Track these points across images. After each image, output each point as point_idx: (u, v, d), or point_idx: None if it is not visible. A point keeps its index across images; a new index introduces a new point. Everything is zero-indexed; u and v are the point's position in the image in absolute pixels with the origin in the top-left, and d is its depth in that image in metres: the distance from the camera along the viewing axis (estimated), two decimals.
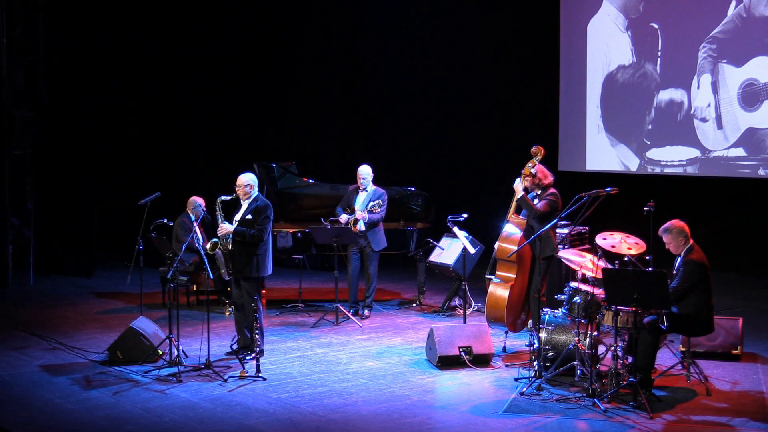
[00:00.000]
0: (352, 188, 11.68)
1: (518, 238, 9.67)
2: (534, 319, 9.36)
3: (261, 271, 9.39)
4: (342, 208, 11.57)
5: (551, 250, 9.45)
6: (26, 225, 14.38)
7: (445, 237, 12.04)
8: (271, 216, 9.46)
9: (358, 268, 11.56)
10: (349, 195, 11.64)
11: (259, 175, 12.42)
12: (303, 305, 12.09)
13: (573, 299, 8.58)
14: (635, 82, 14.21)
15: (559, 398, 8.12)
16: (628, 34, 14.22)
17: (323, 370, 9.15)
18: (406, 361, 9.46)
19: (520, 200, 9.63)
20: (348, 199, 11.59)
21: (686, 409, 7.91)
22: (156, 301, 12.23)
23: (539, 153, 9.88)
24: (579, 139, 14.79)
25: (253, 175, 9.61)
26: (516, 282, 9.71)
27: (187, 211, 11.96)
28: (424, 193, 12.82)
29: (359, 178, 11.50)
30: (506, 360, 9.42)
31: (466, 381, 8.78)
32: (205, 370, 8.97)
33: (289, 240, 12.03)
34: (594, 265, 8.49)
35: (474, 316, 11.18)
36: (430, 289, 12.79)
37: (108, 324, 11.17)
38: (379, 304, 12.12)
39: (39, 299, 13.00)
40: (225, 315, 11.55)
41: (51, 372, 9.17)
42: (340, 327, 11.02)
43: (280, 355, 9.73)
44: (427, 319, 11.49)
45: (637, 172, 14.17)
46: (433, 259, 12.09)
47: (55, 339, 10.43)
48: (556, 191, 9.65)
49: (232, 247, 9.38)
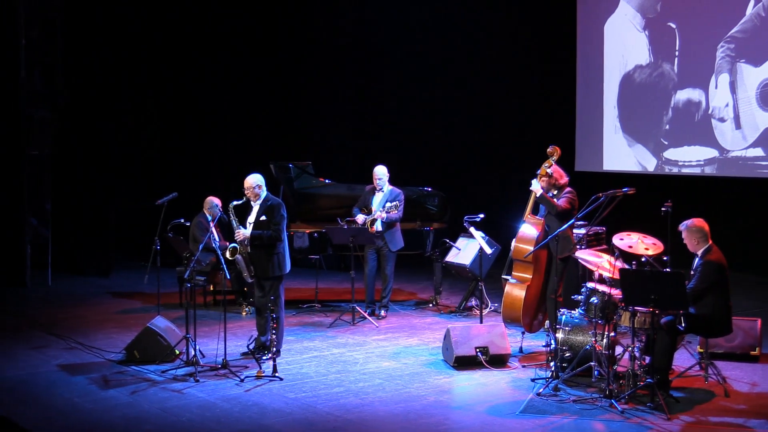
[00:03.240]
0: (368, 189, 11.68)
1: (535, 238, 9.65)
2: (551, 319, 9.35)
3: (283, 269, 9.44)
4: (359, 208, 11.58)
5: (568, 251, 9.42)
6: (44, 225, 14.44)
7: (461, 237, 12.03)
8: (285, 214, 9.49)
9: (374, 269, 11.56)
10: (365, 195, 11.65)
11: (276, 175, 12.49)
12: (319, 305, 12.10)
13: (590, 300, 8.56)
14: (652, 82, 14.16)
15: (576, 399, 8.10)
16: (645, 33, 14.17)
17: (340, 371, 9.15)
18: (423, 362, 9.45)
19: (540, 199, 9.60)
20: (365, 200, 11.60)
21: (704, 411, 7.87)
22: (173, 300, 12.26)
23: (555, 153, 9.86)
24: (596, 139, 14.75)
25: (260, 175, 9.62)
26: (532, 282, 9.69)
27: (204, 211, 11.98)
28: (441, 194, 12.81)
29: (375, 179, 11.50)
30: (523, 360, 9.40)
31: (482, 381, 8.77)
32: (221, 370, 8.99)
33: (305, 240, 12.04)
34: (611, 265, 8.47)
35: (490, 316, 11.16)
36: (446, 289, 12.79)
37: (125, 324, 11.20)
38: (395, 305, 12.12)
39: (57, 299, 13.06)
40: (242, 315, 11.57)
41: (69, 371, 9.21)
42: (356, 327, 11.02)
43: (297, 355, 9.74)
44: (444, 319, 11.48)
45: (655, 172, 14.12)
46: (449, 259, 12.09)
47: (73, 338, 10.47)
48: (573, 189, 9.63)
49: (252, 250, 9.41)
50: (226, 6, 16.69)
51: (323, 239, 12.00)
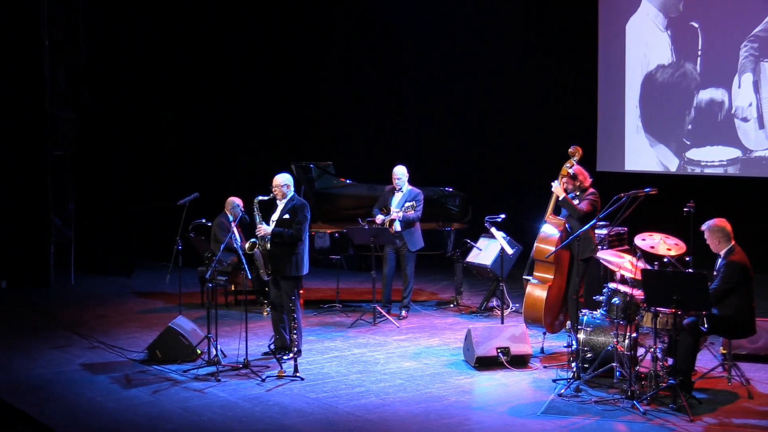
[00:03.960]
0: (387, 189, 11.68)
1: (556, 238, 9.61)
2: (572, 320, 9.31)
3: (300, 270, 9.42)
4: (378, 208, 11.58)
5: (590, 251, 9.38)
6: (68, 225, 14.53)
7: (482, 237, 12.00)
8: (309, 215, 9.49)
9: (393, 269, 11.56)
10: (384, 195, 11.65)
11: (297, 175, 12.49)
12: (340, 305, 12.11)
13: (612, 300, 8.52)
14: (675, 82, 14.08)
15: (598, 400, 8.07)
16: (667, 33, 14.09)
17: (361, 371, 9.15)
18: (444, 362, 9.44)
19: (562, 202, 9.57)
20: (384, 200, 11.60)
21: (727, 412, 7.82)
22: (195, 300, 12.31)
23: (577, 153, 9.83)
24: (618, 139, 14.68)
25: (289, 175, 9.64)
26: (554, 283, 9.65)
27: (225, 211, 12.01)
28: (462, 194, 12.79)
29: (394, 179, 11.50)
30: (544, 361, 9.38)
31: (503, 382, 8.75)
32: (243, 370, 9.00)
33: (326, 240, 12.05)
34: (633, 266, 8.42)
35: (512, 317, 11.13)
36: (467, 289, 12.77)
37: (147, 323, 11.25)
38: (416, 305, 12.10)
39: (80, 298, 13.13)
40: (263, 315, 11.59)
41: (92, 370, 9.26)
42: (377, 327, 11.02)
43: (318, 355, 9.75)
44: (465, 319, 11.46)
45: (677, 172, 14.04)
46: (470, 259, 12.07)
47: (95, 338, 10.53)
48: (596, 191, 9.59)
49: (271, 247, 9.41)
50: (247, 6, 16.72)
51: (344, 239, 12.00)
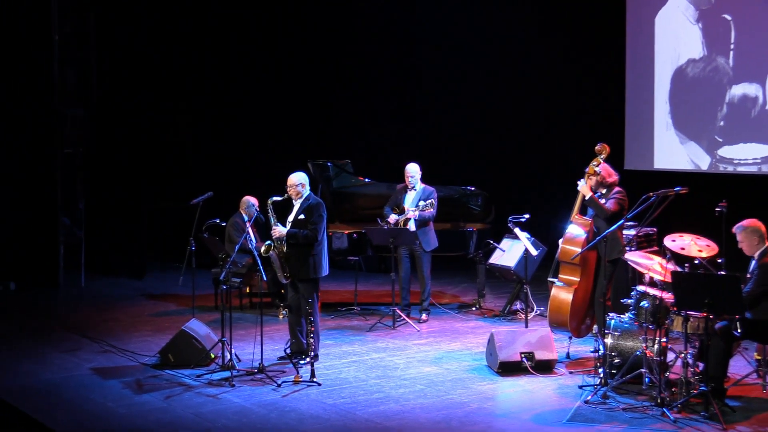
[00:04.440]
0: (399, 187, 11.67)
1: (582, 239, 9.58)
2: (599, 324, 9.27)
3: (318, 272, 9.41)
4: (390, 208, 11.56)
5: (618, 252, 9.34)
6: (77, 225, 14.59)
7: (506, 238, 11.98)
8: (324, 215, 9.48)
9: (409, 270, 11.55)
10: (396, 194, 11.65)
11: (314, 174, 12.51)
12: (359, 308, 12.11)
13: (640, 304, 8.50)
14: (706, 77, 13.99)
15: (626, 407, 8.04)
16: (698, 26, 14.01)
17: (380, 376, 9.15)
18: (466, 367, 9.43)
19: (588, 202, 9.53)
20: (396, 199, 11.59)
21: (762, 421, 7.77)
22: (208, 303, 12.33)
23: (604, 151, 9.79)
24: (646, 136, 14.61)
25: (304, 173, 9.63)
26: (580, 285, 9.62)
27: (240, 211, 12.03)
28: (484, 193, 12.77)
29: (407, 177, 11.49)
30: (570, 367, 9.35)
31: (528, 388, 8.73)
32: (258, 375, 9.01)
33: (344, 241, 12.05)
34: (662, 268, 8.39)
35: (536, 320, 11.13)
36: (490, 292, 12.75)
37: (159, 326, 11.29)
38: (437, 308, 12.09)
39: (90, 301, 13.19)
40: (279, 318, 11.61)
41: (102, 375, 9.29)
42: (397, 331, 11.02)
43: (336, 359, 9.75)
44: (488, 323, 11.44)
45: (708, 170, 13.95)
46: (493, 261, 12.05)
47: (106, 341, 10.56)
48: (623, 190, 9.55)
49: (287, 249, 9.41)
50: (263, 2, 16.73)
51: (363, 240, 12.00)
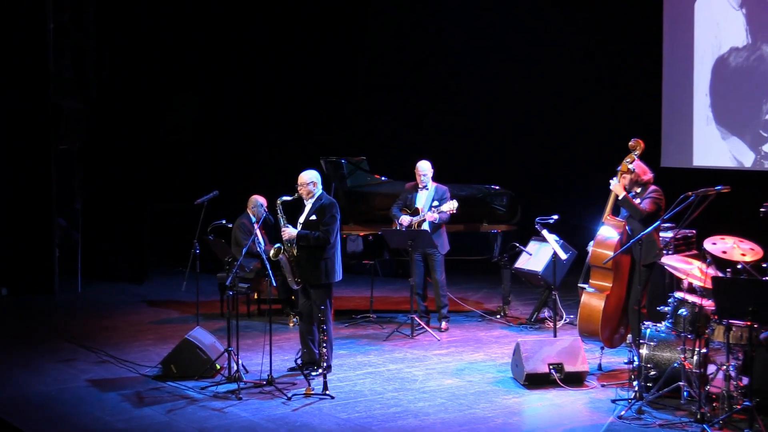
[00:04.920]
0: (408, 186, 11.65)
1: (615, 242, 9.55)
2: (633, 333, 9.25)
3: (331, 277, 9.40)
4: (399, 209, 11.53)
5: (654, 256, 9.31)
6: (74, 227, 14.64)
7: (532, 241, 11.97)
8: (338, 215, 9.47)
9: (423, 275, 11.53)
10: (405, 194, 11.61)
11: (326, 171, 12.51)
12: (375, 316, 12.11)
13: (678, 311, 8.48)
14: (750, 67, 13.94)
15: (663, 423, 8.01)
16: (742, 12, 13.95)
17: (397, 388, 9.14)
18: (490, 379, 9.42)
19: (622, 202, 9.49)
20: (405, 199, 11.56)
21: None
22: (214, 310, 12.35)
23: (638, 147, 9.75)
24: (685, 131, 14.56)
25: (316, 171, 9.62)
26: (613, 292, 9.59)
27: (248, 211, 12.04)
28: (510, 192, 12.74)
29: (419, 175, 11.47)
30: (602, 379, 9.33)
31: (556, 402, 8.71)
32: (267, 387, 9.02)
33: (359, 244, 12.04)
34: (702, 273, 8.35)
35: (565, 329, 11.12)
36: (515, 298, 12.74)
37: (161, 335, 11.32)
38: (459, 315, 12.07)
39: (87, 307, 13.22)
40: (289, 326, 11.62)
41: (100, 387, 9.30)
42: (415, 340, 11.01)
43: (350, 371, 9.74)
44: (513, 332, 11.43)
45: (752, 168, 13.90)
46: (519, 265, 12.03)
47: (104, 351, 10.58)
48: (660, 189, 9.51)
49: (298, 252, 9.41)
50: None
51: (379, 243, 11.98)
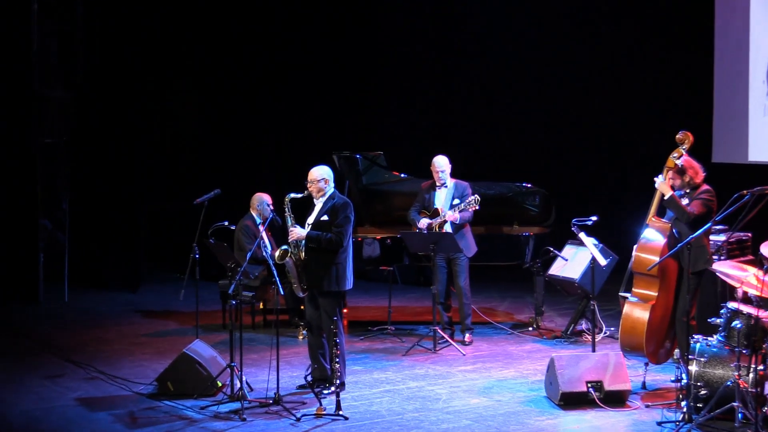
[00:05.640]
0: (425, 185, 11.65)
1: (661, 246, 9.53)
2: (681, 348, 9.22)
3: (341, 284, 9.41)
4: (417, 211, 11.53)
5: (704, 262, 9.29)
6: (60, 228, 14.67)
7: (568, 245, 11.97)
8: (352, 216, 9.48)
9: (446, 281, 11.53)
10: (422, 194, 11.61)
11: (340, 167, 12.52)
12: (393, 328, 12.11)
13: (731, 324, 8.46)
14: None
15: None
16: None
17: (418, 408, 9.14)
18: (521, 399, 9.41)
19: (668, 202, 9.47)
20: (423, 200, 11.56)
21: None
22: (215, 321, 12.38)
23: (686, 140, 9.73)
24: (739, 123, 14.50)
25: (328, 168, 9.63)
26: (658, 301, 9.57)
27: (251, 211, 12.05)
28: (542, 191, 12.74)
29: (436, 172, 11.47)
30: (646, 399, 9.31)
31: (595, 424, 8.70)
32: (273, 407, 9.02)
33: (376, 248, 12.05)
34: (759, 280, 8.33)
35: (605, 343, 11.12)
36: (549, 309, 12.74)
37: (157, 349, 11.35)
38: (485, 327, 12.08)
39: (75, 318, 13.27)
40: (298, 339, 11.63)
41: (89, 406, 9.33)
42: (438, 355, 11.01)
43: (366, 389, 9.75)
44: (547, 346, 11.43)
45: None
46: (554, 272, 12.02)
47: (93, 366, 10.61)
48: (711, 188, 9.48)
49: (306, 255, 9.41)
50: None
51: (398, 247, 11.99)
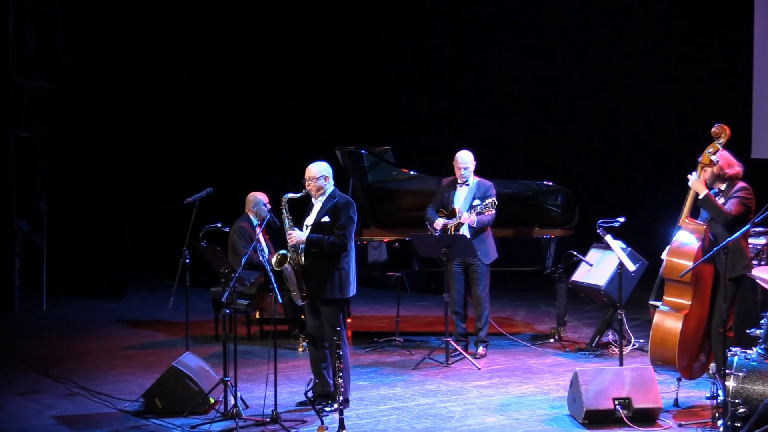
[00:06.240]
0: (446, 182, 11.66)
1: (695, 250, 9.50)
2: (717, 361, 9.20)
3: (345, 291, 9.40)
4: (435, 209, 11.52)
5: (742, 267, 9.26)
6: (38, 231, 14.67)
7: (593, 248, 11.96)
8: (355, 217, 9.48)
9: (463, 289, 11.52)
10: (442, 192, 11.61)
11: (343, 164, 12.52)
12: (401, 339, 12.12)
13: None
14: None
15: None
16: None
17: (429, 427, 9.12)
18: (541, 417, 9.40)
19: (702, 202, 9.44)
20: (442, 198, 11.54)
21: None
22: (207, 332, 12.38)
23: (723, 134, 9.69)
24: None
25: (327, 164, 9.60)
26: (692, 311, 9.55)
27: (247, 212, 12.04)
28: (566, 190, 12.73)
29: (458, 168, 11.46)
30: (679, 417, 9.29)
31: None
32: (270, 426, 9.02)
33: (382, 252, 12.04)
34: None
35: (634, 356, 11.11)
36: (573, 318, 12.75)
37: (143, 362, 11.35)
38: (501, 339, 12.06)
39: (54, 329, 13.28)
40: (298, 351, 11.63)
41: (69, 425, 9.31)
42: (451, 369, 11.01)
43: (372, 405, 9.75)
44: (570, 360, 11.42)
45: None
46: (577, 278, 12.00)
47: (74, 382, 10.61)
48: (748, 186, 9.45)
49: (306, 261, 9.40)
50: None
51: (407, 251, 11.98)
